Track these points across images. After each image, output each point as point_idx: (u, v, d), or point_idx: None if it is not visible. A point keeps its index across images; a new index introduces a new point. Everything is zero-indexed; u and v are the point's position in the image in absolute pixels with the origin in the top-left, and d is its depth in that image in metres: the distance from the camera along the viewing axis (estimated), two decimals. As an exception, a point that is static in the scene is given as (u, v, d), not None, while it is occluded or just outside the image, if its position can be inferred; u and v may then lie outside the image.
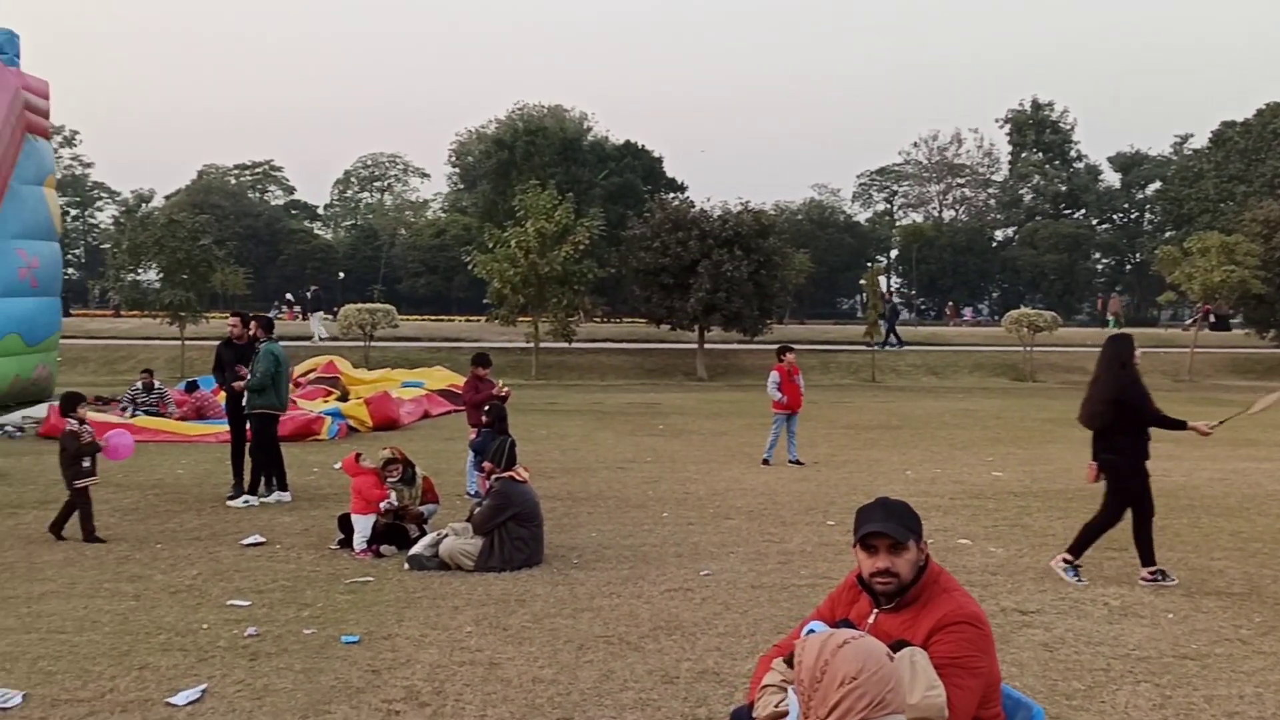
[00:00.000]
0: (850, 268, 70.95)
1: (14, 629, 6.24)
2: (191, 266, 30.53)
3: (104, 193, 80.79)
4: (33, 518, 9.73)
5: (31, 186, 20.71)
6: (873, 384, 32.13)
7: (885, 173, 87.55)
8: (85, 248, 78.81)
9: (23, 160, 20.06)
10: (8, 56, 20.59)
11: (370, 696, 5.25)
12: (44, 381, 21.28)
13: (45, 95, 21.38)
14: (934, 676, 3.16)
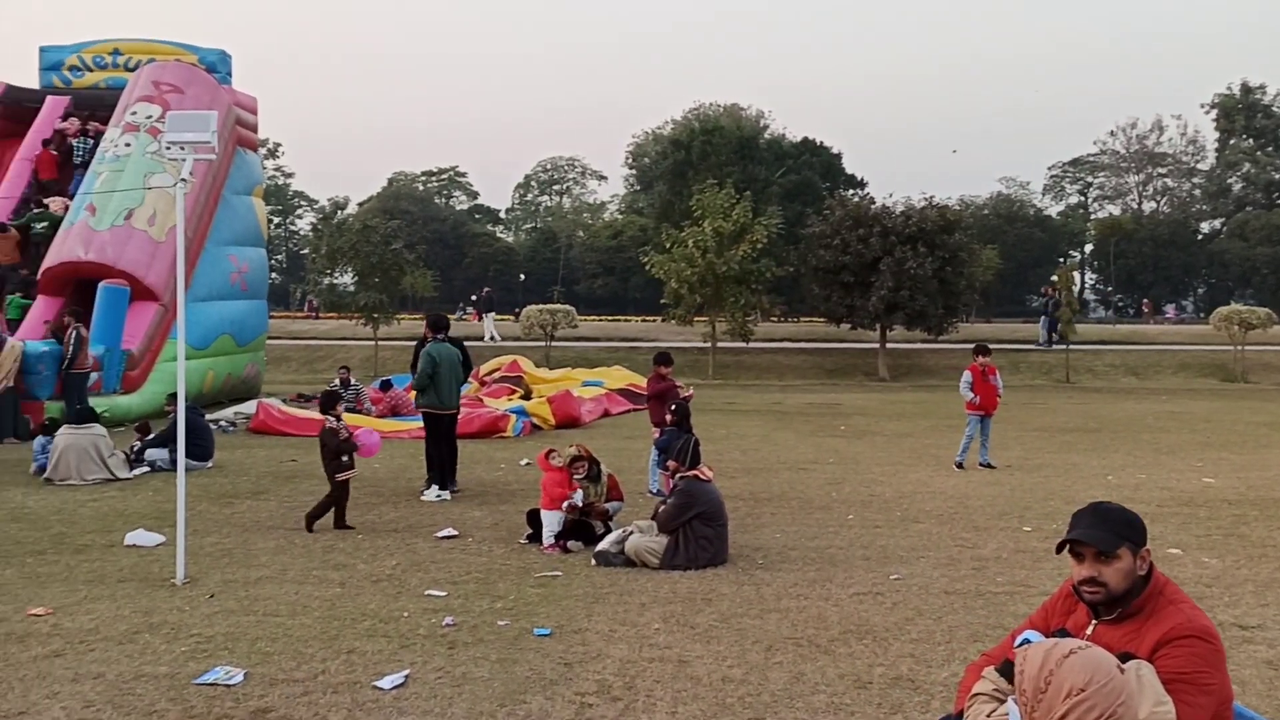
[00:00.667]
0: (1040, 264, 68.06)
1: (235, 611, 6.64)
2: (384, 270, 31.91)
3: (303, 201, 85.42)
4: (246, 507, 10.35)
5: (241, 196, 22.09)
6: (1067, 385, 30.74)
7: (1079, 164, 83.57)
8: (286, 253, 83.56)
9: (233, 172, 21.42)
10: (220, 75, 22.04)
11: (564, 689, 5.32)
12: (253, 380, 22.66)
13: (254, 111, 22.76)
14: (1162, 692, 2.96)
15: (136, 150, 19.44)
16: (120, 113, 20.16)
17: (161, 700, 5.10)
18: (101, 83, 22.03)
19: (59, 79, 22.36)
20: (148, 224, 18.72)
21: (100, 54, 22.36)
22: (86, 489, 11.29)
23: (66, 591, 7.12)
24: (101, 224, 18.39)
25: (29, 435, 15.08)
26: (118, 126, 19.93)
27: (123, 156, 19.40)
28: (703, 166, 47.85)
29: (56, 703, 5.06)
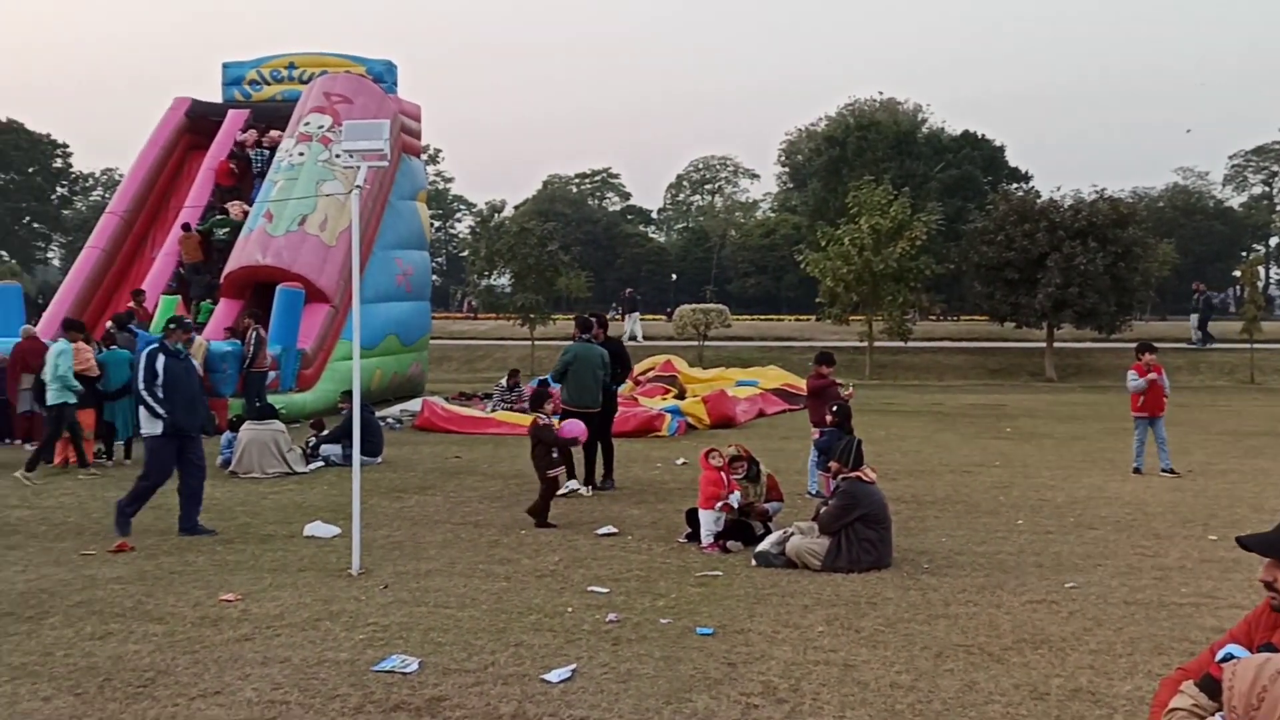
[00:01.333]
0: (1221, 258, 64.41)
1: (407, 602, 6.86)
2: (539, 271, 32.57)
3: (462, 205, 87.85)
4: (415, 502, 10.69)
5: (406, 201, 22.88)
6: (1251, 385, 28.96)
7: (1263, 152, 78.63)
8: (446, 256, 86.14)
9: (399, 178, 22.19)
10: (387, 85, 22.88)
11: (728, 689, 5.30)
12: (418, 378, 23.44)
13: (417, 118, 23.55)
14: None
15: (309, 159, 20.35)
16: (294, 123, 21.15)
17: (343, 685, 5.31)
18: (278, 95, 23.16)
19: (239, 93, 23.62)
20: (319, 229, 19.58)
21: (277, 68, 23.52)
22: (267, 482, 11.88)
23: (253, 579, 7.49)
24: (277, 230, 19.32)
25: (214, 431, 15.98)
26: (292, 137, 20.91)
27: (296, 165, 20.34)
28: (858, 163, 47.05)
29: (248, 684, 5.32)
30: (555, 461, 9.68)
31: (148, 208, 21.91)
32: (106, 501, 10.58)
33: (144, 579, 7.50)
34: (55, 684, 5.35)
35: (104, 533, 9.10)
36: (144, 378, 8.90)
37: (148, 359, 8.98)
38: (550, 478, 9.61)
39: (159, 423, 8.91)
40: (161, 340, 9.24)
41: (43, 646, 5.93)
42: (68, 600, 6.91)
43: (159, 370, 8.89)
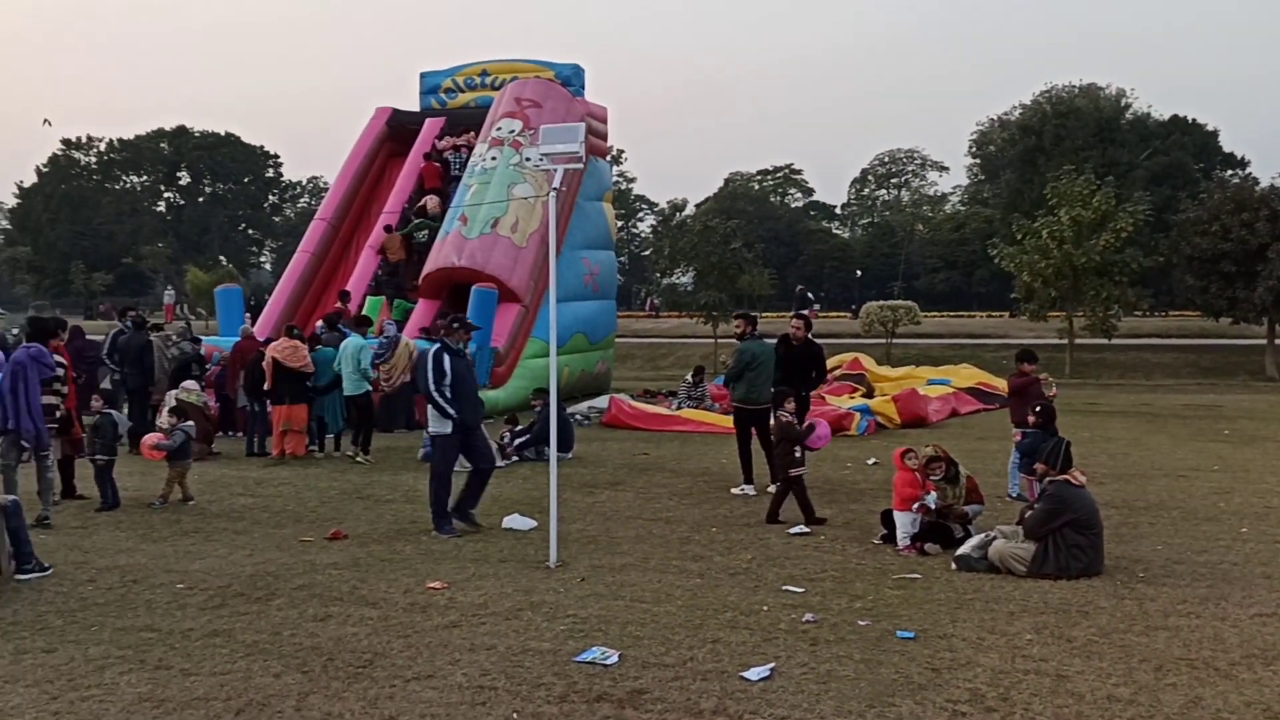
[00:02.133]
0: None
1: (604, 595, 6.98)
2: (723, 269, 32.56)
3: (644, 204, 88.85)
4: (606, 497, 10.87)
5: (593, 202, 23.28)
6: None
7: None
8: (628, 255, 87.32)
9: (586, 179, 22.59)
10: (575, 88, 23.33)
11: (933, 695, 5.16)
12: (603, 376, 23.82)
13: (604, 120, 23.92)
14: None
15: (501, 163, 20.97)
16: (487, 129, 21.84)
17: (547, 675, 5.44)
18: (472, 102, 23.97)
19: (436, 101, 24.57)
20: (511, 231, 20.15)
21: (471, 76, 24.35)
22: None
23: (457, 569, 7.78)
24: (471, 233, 19.99)
25: (418, 426, 16.70)
26: (485, 142, 21.60)
27: (489, 169, 20.99)
28: (1056, 152, 45.08)
29: (458, 669, 5.53)
30: (798, 461, 9.57)
31: (352, 213, 23.08)
32: (320, 491, 11.22)
33: (358, 565, 7.89)
34: (284, 661, 5.69)
35: (319, 520, 9.64)
36: (433, 378, 8.94)
37: (435, 360, 9.01)
38: (793, 477, 9.52)
39: (448, 422, 8.99)
40: (443, 340, 9.28)
41: (271, 626, 6.32)
42: (291, 584, 7.34)
43: (447, 370, 8.98)
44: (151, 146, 72.44)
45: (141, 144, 72.32)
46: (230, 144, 73.36)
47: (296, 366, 13.65)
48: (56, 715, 4.98)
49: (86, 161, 73.05)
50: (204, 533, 9.15)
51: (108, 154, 72.78)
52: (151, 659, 5.74)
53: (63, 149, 72.29)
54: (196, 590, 7.19)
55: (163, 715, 4.97)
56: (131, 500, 10.52)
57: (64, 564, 7.92)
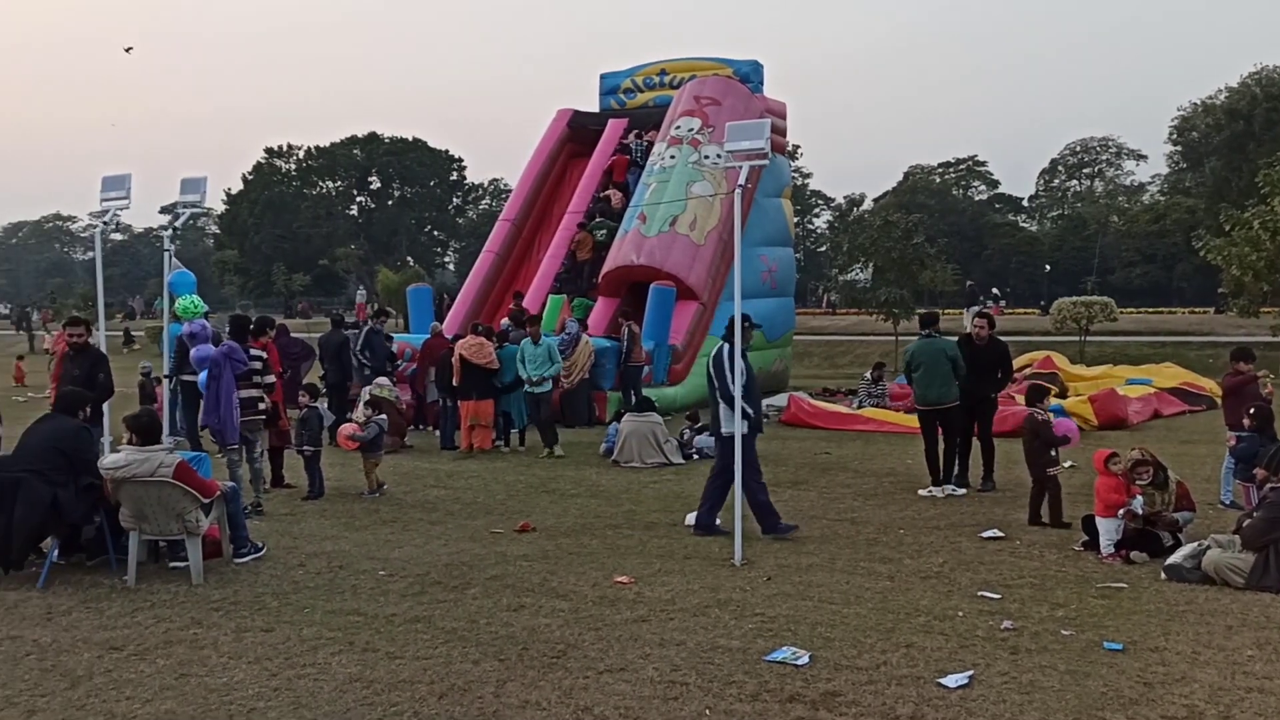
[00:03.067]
0: None
1: (791, 595, 6.91)
2: (903, 265, 31.75)
3: (819, 200, 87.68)
4: (788, 496, 10.76)
5: (772, 199, 23.11)
6: None
7: None
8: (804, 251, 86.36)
9: (765, 175, 22.42)
10: (754, 85, 23.23)
11: (1146, 710, 4.89)
12: (781, 374, 23.62)
13: (783, 116, 23.71)
14: None
15: (679, 161, 21.07)
16: (666, 127, 21.98)
17: (738, 673, 5.43)
18: (651, 101, 24.16)
19: (615, 102, 24.89)
20: (689, 229, 20.22)
21: (650, 75, 24.55)
22: (647, 471, 12.43)
23: (643, 564, 7.85)
24: (650, 231, 20.17)
25: (595, 422, 16.99)
26: (664, 140, 21.75)
27: (668, 168, 21.13)
28: (1267, 137, 42.10)
29: (649, 664, 5.58)
30: (1053, 460, 9.29)
31: (534, 214, 23.64)
32: (508, 485, 11.53)
33: (546, 558, 8.07)
34: (482, 649, 5.87)
35: (508, 513, 9.91)
36: (730, 378, 8.76)
37: (719, 360, 8.91)
38: (1050, 476, 9.23)
39: (744, 422, 8.79)
40: None
41: (468, 614, 6.53)
42: (484, 574, 7.57)
43: (742, 371, 8.82)
44: (345, 153, 76.08)
45: (336, 151, 76.04)
46: (417, 149, 76.26)
47: (482, 363, 14.07)
48: (276, 691, 5.28)
49: (287, 169, 77.28)
50: (401, 522, 9.54)
51: (306, 161, 76.82)
52: (359, 641, 6.02)
53: (266, 157, 76.78)
54: (397, 577, 7.51)
55: (372, 695, 5.20)
56: (334, 490, 11.07)
57: (275, 549, 8.40)
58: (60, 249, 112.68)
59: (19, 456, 7.71)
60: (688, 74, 23.47)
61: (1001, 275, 67.19)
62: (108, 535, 7.77)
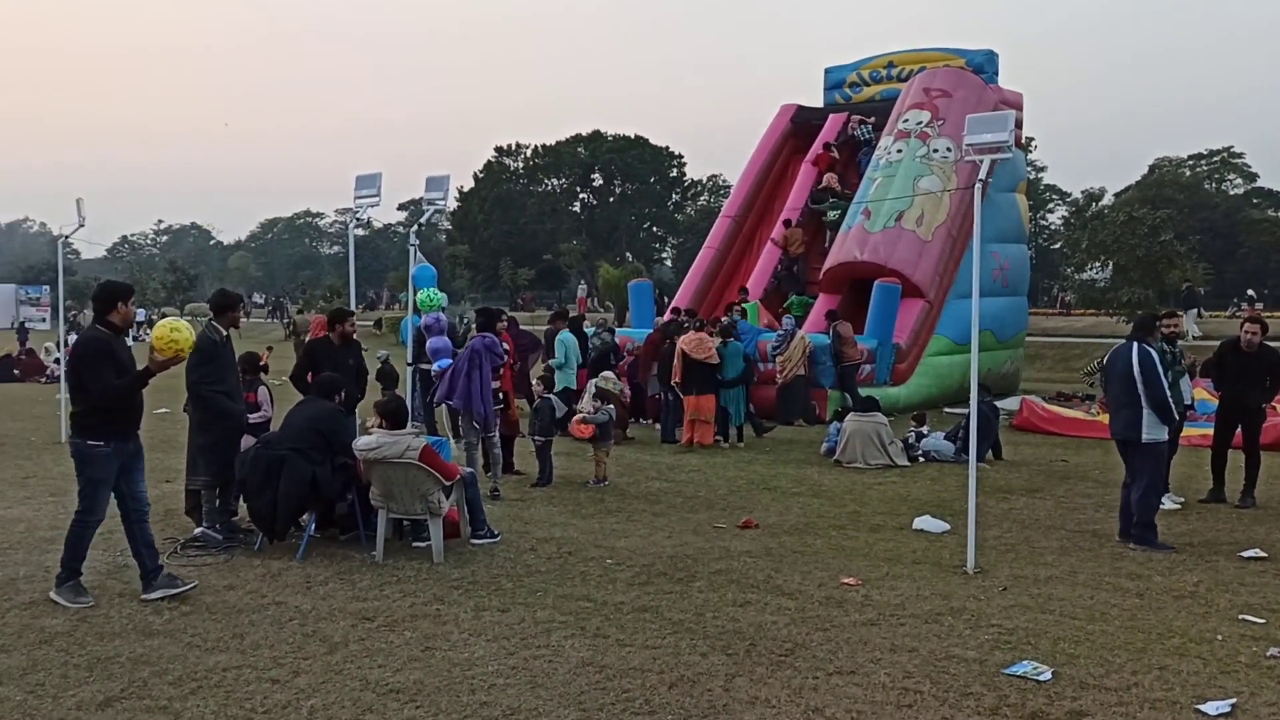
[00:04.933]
0: None
1: (1029, 607, 6.62)
2: (1149, 263, 29.88)
3: (1054, 194, 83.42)
4: (1023, 504, 10.32)
5: (1005, 193, 22.19)
6: None
7: None
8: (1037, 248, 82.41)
9: (998, 169, 21.58)
10: (987, 75, 22.36)
11: None
12: (1011, 376, 22.68)
13: (1019, 107, 22.71)
14: None
15: (907, 155, 20.54)
16: (893, 121, 21.48)
17: (975, 684, 5.24)
18: (877, 95, 23.67)
19: (840, 96, 24.52)
20: (916, 224, 19.69)
21: (876, 68, 24.05)
22: (870, 472, 12.19)
23: (869, 566, 7.70)
24: (875, 226, 19.75)
25: (815, 420, 16.80)
26: (890, 134, 21.26)
27: (894, 162, 20.63)
28: None
29: (880, 669, 5.47)
30: None
31: (755, 210, 23.60)
32: (729, 480, 11.56)
33: (770, 555, 8.04)
34: (709, 642, 5.91)
35: (729, 508, 9.94)
36: (1162, 381, 8.31)
37: (1154, 359, 8.43)
38: None
39: (1165, 428, 8.43)
40: (1145, 339, 8.67)
41: (694, 607, 6.59)
42: (709, 567, 7.62)
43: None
44: (570, 151, 78.22)
45: (561, 149, 78.27)
46: (639, 146, 77.54)
47: (702, 358, 14.15)
48: (514, 670, 5.48)
49: (515, 167, 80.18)
50: (625, 513, 9.72)
51: (533, 159, 79.49)
52: (590, 627, 6.17)
53: (495, 156, 79.95)
54: (623, 566, 7.65)
55: (604, 681, 5.32)
56: (560, 478, 11.40)
57: (508, 532, 8.73)
58: (309, 243, 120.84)
59: (283, 435, 8.32)
60: (917, 66, 22.87)
61: (1260, 275, 62.03)
62: (358, 512, 8.29)
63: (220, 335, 8.55)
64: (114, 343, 6.67)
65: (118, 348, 6.67)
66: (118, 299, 6.74)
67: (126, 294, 6.84)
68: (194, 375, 8.35)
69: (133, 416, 6.76)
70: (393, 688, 5.23)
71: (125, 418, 6.69)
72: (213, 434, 8.38)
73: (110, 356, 6.56)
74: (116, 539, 8.33)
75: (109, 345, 6.62)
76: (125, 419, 6.69)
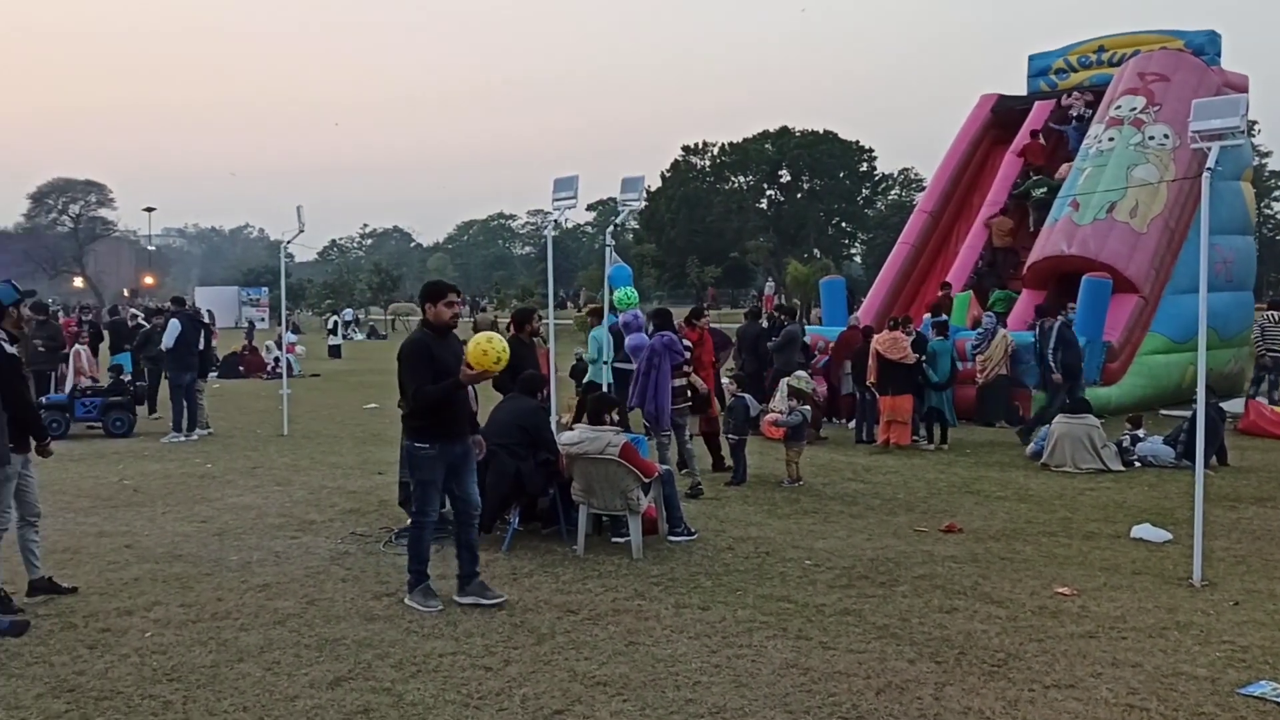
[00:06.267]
0: None
1: (1265, 624, 6.18)
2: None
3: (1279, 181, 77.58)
4: (1252, 513, 9.65)
5: (1228, 182, 20.73)
6: None
7: None
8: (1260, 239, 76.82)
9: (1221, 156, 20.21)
10: (1209, 57, 20.97)
11: None
12: (1235, 377, 21.18)
13: (1244, 90, 21.20)
14: None
15: (1120, 144, 19.46)
16: (1104, 108, 20.39)
17: (1207, 704, 4.93)
18: (1085, 82, 22.51)
19: (1045, 83, 23.45)
20: (1129, 216, 18.63)
21: (1085, 54, 22.88)
22: (1081, 477, 11.62)
23: (1084, 575, 7.35)
24: (1083, 219, 18.81)
25: (1018, 422, 16.15)
26: (1101, 122, 20.19)
27: (1105, 151, 19.58)
28: None
29: (1101, 684, 5.21)
30: None
31: (953, 204, 22.88)
32: (928, 483, 11.25)
33: (976, 561, 7.78)
34: (916, 649, 5.76)
35: (930, 512, 9.67)
36: None
37: None
38: None
39: None
40: None
41: (899, 612, 6.45)
42: (912, 572, 7.44)
43: None
44: (757, 148, 77.90)
45: (749, 146, 78.05)
46: (828, 141, 76.54)
47: (897, 358, 13.83)
48: (717, 668, 5.50)
49: (701, 165, 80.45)
50: (822, 514, 9.60)
51: (719, 157, 79.61)
52: (792, 629, 6.12)
53: (682, 155, 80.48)
54: (823, 568, 7.56)
55: (809, 683, 5.27)
56: (753, 477, 11.35)
57: (704, 530, 8.76)
58: (502, 244, 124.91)
59: (489, 431, 8.59)
60: (1130, 49, 21.65)
61: None
62: (560, 507, 8.49)
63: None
64: (434, 344, 6.54)
65: (438, 349, 6.53)
66: (425, 300, 6.70)
67: (432, 295, 6.67)
68: (406, 372, 8.74)
69: (457, 419, 6.63)
70: (599, 680, 5.33)
71: (450, 420, 6.56)
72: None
73: (428, 359, 6.46)
74: (336, 527, 8.85)
75: (427, 348, 6.51)
76: (450, 421, 6.56)
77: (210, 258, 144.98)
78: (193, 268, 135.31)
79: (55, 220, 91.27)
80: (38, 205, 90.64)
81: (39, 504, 6.89)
